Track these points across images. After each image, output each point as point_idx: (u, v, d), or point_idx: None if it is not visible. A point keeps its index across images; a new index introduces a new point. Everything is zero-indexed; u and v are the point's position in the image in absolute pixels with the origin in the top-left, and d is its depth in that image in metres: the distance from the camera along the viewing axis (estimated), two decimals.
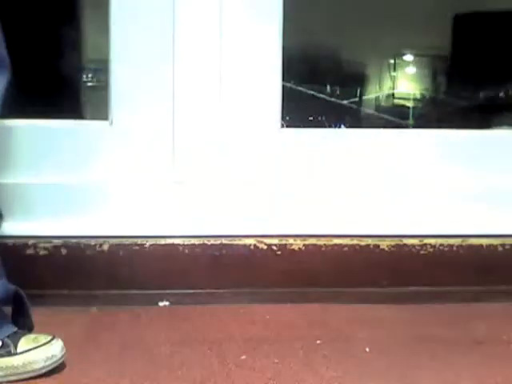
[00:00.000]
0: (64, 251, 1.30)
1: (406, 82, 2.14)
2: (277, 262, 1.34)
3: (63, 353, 1.00)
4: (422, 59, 2.12)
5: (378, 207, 1.41)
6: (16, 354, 0.98)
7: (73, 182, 1.36)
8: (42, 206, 1.34)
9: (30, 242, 1.29)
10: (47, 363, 0.98)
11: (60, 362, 1.00)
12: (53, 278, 1.29)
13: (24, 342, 0.99)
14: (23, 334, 1.01)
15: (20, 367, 0.97)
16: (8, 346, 0.98)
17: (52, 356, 0.99)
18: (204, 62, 1.35)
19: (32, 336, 1.01)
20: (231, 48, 1.36)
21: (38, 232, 1.31)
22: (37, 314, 1.09)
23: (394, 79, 2.11)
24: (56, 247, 1.30)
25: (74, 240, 1.31)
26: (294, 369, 1.05)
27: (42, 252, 1.29)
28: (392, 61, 2.10)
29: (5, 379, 0.97)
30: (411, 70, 2.13)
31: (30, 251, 1.29)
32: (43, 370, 0.98)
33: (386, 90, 2.11)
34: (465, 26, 1.98)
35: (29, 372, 0.98)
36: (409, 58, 2.12)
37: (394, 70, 2.11)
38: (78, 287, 1.30)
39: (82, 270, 1.30)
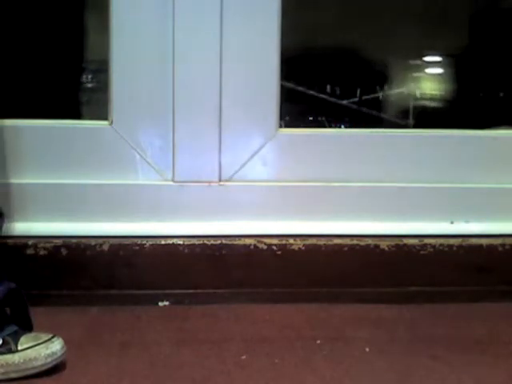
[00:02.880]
0: (64, 251, 1.30)
1: (406, 81, 2.13)
2: (277, 262, 1.34)
3: (63, 351, 1.01)
4: (423, 59, 2.12)
5: (378, 207, 1.41)
6: (17, 351, 0.98)
7: (72, 181, 1.36)
8: (41, 205, 1.34)
9: (30, 241, 1.29)
10: (48, 360, 0.99)
11: (60, 359, 1.00)
12: (53, 278, 1.30)
13: (24, 340, 0.99)
14: (24, 333, 1.01)
15: (21, 364, 0.98)
16: (8, 344, 0.99)
17: (52, 353, 0.99)
18: (203, 61, 1.35)
19: (32, 334, 1.02)
20: (231, 47, 1.36)
21: (38, 232, 1.32)
22: (37, 314, 1.09)
23: (395, 79, 2.11)
24: (56, 247, 1.30)
25: (74, 240, 1.31)
26: (294, 369, 1.05)
27: (41, 252, 1.29)
28: (394, 60, 2.10)
29: (6, 376, 0.98)
30: (413, 69, 2.13)
31: (29, 251, 1.29)
32: (44, 368, 0.99)
33: (387, 90, 2.11)
34: (478, 25, 1.97)
35: (29, 369, 0.98)
36: (411, 57, 2.12)
37: (396, 69, 2.11)
38: (77, 287, 1.30)
39: (82, 270, 1.30)
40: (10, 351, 0.98)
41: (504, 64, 1.86)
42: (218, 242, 1.33)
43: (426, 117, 2.08)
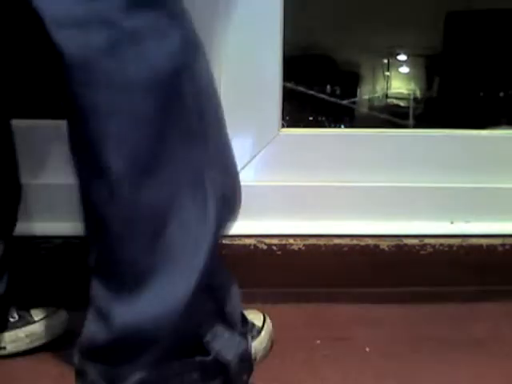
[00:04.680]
0: (64, 251, 1.29)
1: (408, 81, 2.14)
2: (277, 262, 1.34)
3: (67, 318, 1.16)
4: (424, 58, 2.12)
5: (378, 207, 1.41)
6: (35, 321, 1.11)
7: (73, 182, 1.35)
8: (42, 205, 1.34)
9: (30, 242, 1.29)
10: (62, 326, 1.14)
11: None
12: (53, 279, 1.29)
13: (35, 312, 1.13)
14: (28, 307, 1.13)
15: (42, 332, 1.11)
16: (25, 318, 1.11)
17: (64, 320, 1.15)
18: None
19: (39, 308, 1.14)
20: (231, 47, 1.36)
21: (37, 232, 1.31)
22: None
23: (396, 79, 2.11)
24: (56, 247, 1.29)
25: (74, 240, 1.30)
26: (294, 369, 1.05)
27: (42, 252, 1.29)
28: (395, 60, 2.10)
29: (31, 345, 1.11)
30: (415, 69, 2.13)
31: (30, 251, 1.29)
32: (59, 333, 1.13)
33: (387, 90, 2.11)
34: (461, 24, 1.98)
35: (50, 335, 1.12)
36: (410, 57, 2.12)
37: (398, 69, 2.11)
38: (77, 287, 1.30)
39: (82, 271, 1.30)
40: (30, 322, 1.11)
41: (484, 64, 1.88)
42: None
43: (425, 117, 2.08)
